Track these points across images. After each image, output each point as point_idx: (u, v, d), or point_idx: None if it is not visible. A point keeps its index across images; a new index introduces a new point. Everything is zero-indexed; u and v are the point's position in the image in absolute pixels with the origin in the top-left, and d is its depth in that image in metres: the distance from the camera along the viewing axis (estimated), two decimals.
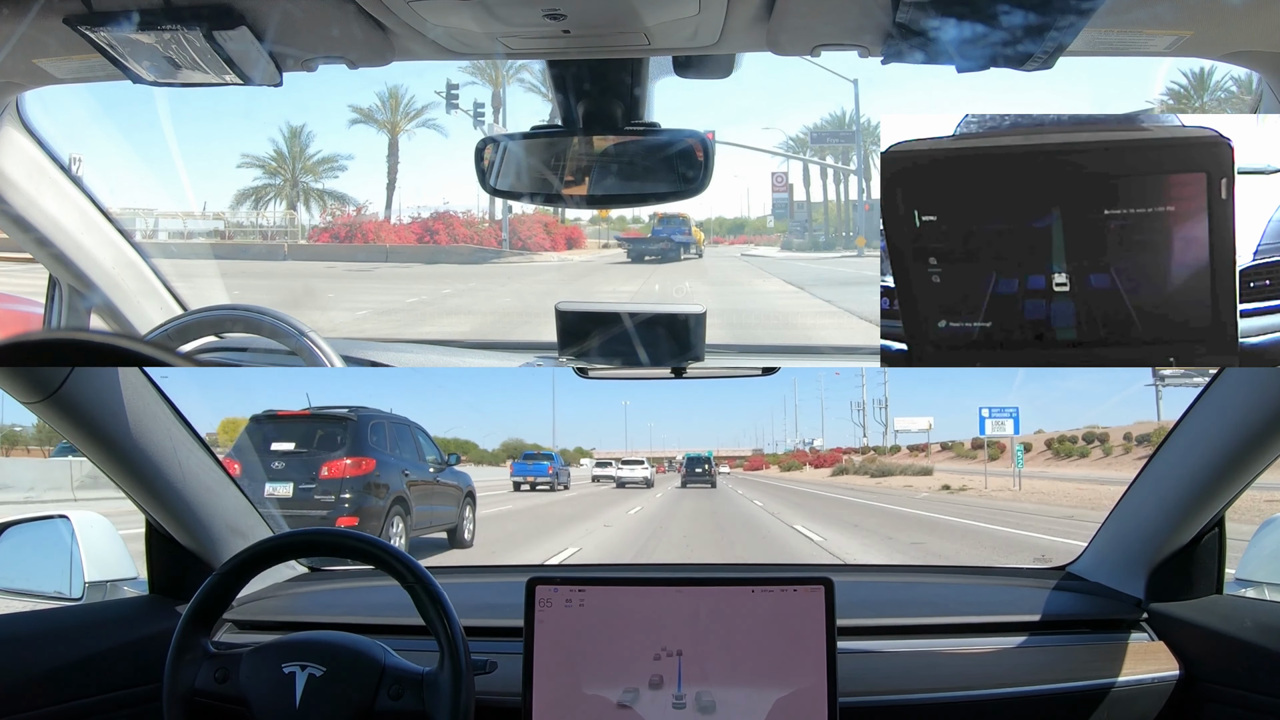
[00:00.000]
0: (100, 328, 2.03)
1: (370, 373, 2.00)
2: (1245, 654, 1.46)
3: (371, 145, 58.17)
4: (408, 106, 41.11)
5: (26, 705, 1.41)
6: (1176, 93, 33.08)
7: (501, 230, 34.53)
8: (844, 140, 42.47)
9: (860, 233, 34.48)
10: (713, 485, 27.41)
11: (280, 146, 40.24)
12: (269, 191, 39.59)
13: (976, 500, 19.71)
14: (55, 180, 1.80)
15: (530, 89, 41.37)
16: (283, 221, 37.37)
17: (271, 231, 36.42)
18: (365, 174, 71.63)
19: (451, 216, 35.28)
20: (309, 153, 40.28)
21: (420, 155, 71.01)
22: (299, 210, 38.96)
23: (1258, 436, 1.39)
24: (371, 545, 1.36)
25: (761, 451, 66.34)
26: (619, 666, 1.43)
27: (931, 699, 1.53)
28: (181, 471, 1.62)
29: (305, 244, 33.67)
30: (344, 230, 35.21)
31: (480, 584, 1.94)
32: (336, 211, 38.76)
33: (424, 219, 35.62)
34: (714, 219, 54.83)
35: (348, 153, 53.87)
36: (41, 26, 1.29)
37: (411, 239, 33.72)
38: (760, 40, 1.34)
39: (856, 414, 45.49)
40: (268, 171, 39.91)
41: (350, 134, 60.62)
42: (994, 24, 1.14)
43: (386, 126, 41.59)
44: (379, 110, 41.45)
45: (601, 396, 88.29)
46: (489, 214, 35.61)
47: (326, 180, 40.17)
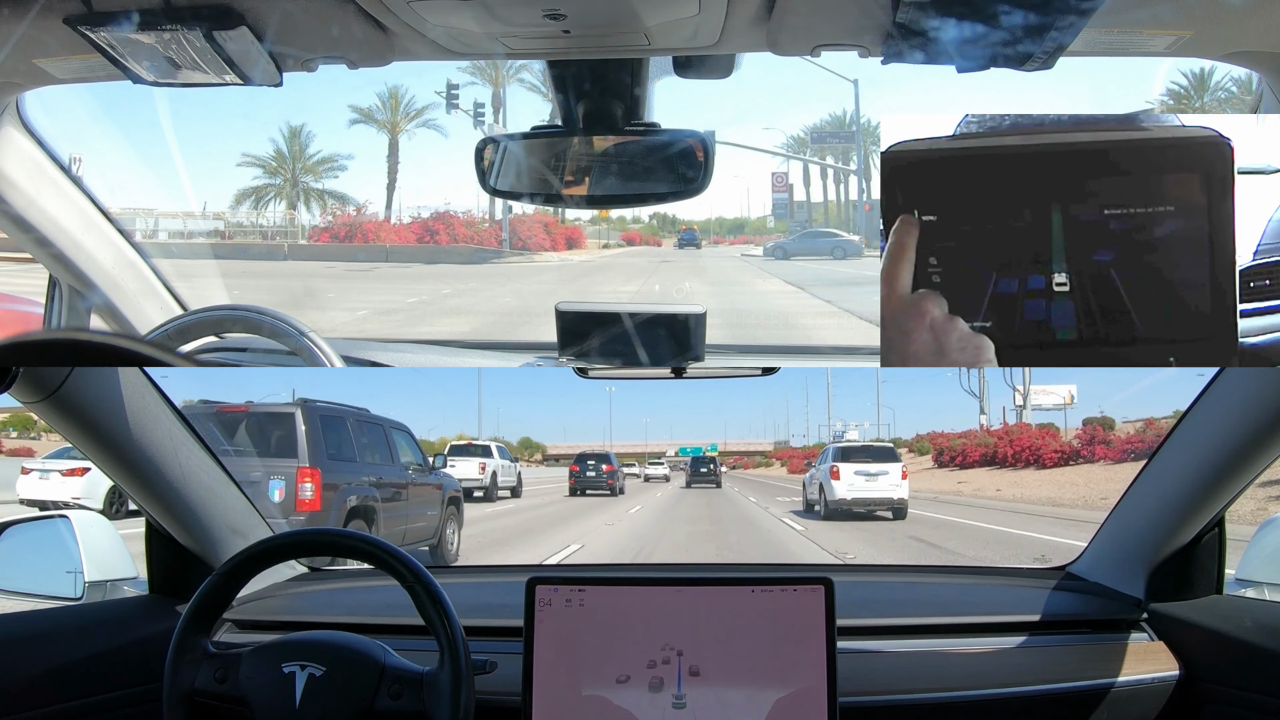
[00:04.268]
0: (100, 328, 2.03)
1: (370, 373, 2.00)
2: (1245, 654, 1.46)
3: (372, 145, 57.77)
4: (408, 106, 40.96)
5: (26, 705, 1.41)
6: (1177, 93, 32.79)
7: (502, 230, 34.29)
8: (844, 140, 42.33)
9: (861, 233, 34.30)
10: (718, 485, 26.90)
11: (280, 146, 40.08)
12: (269, 191, 39.46)
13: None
14: (55, 180, 1.80)
15: (531, 89, 41.07)
16: (283, 221, 37.15)
17: (271, 231, 36.16)
18: (366, 174, 71.04)
19: (452, 217, 35.04)
20: (309, 152, 40.15)
21: (421, 155, 70.61)
22: (299, 210, 38.79)
23: (1258, 436, 1.39)
24: (371, 545, 1.36)
25: (788, 444, 53.37)
26: (619, 666, 1.43)
27: (931, 699, 1.53)
28: (181, 471, 1.62)
29: (305, 244, 33.33)
30: (344, 230, 34.96)
31: (480, 584, 1.94)
32: (336, 211, 38.56)
33: (424, 219, 35.38)
34: (714, 219, 54.75)
35: (348, 152, 53.64)
36: (42, 27, 1.29)
37: (412, 239, 33.48)
38: (760, 40, 1.34)
39: (966, 381, 30.91)
40: (268, 171, 39.78)
41: (350, 134, 60.24)
42: (994, 24, 1.14)
43: (387, 126, 41.36)
44: (379, 110, 41.26)
45: (582, 386, 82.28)
46: (489, 214, 35.40)
47: (327, 180, 40.09)
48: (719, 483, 27.23)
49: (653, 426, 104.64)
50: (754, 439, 60.40)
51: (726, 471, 38.86)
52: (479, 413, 69.90)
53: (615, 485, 21.09)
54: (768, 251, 32.75)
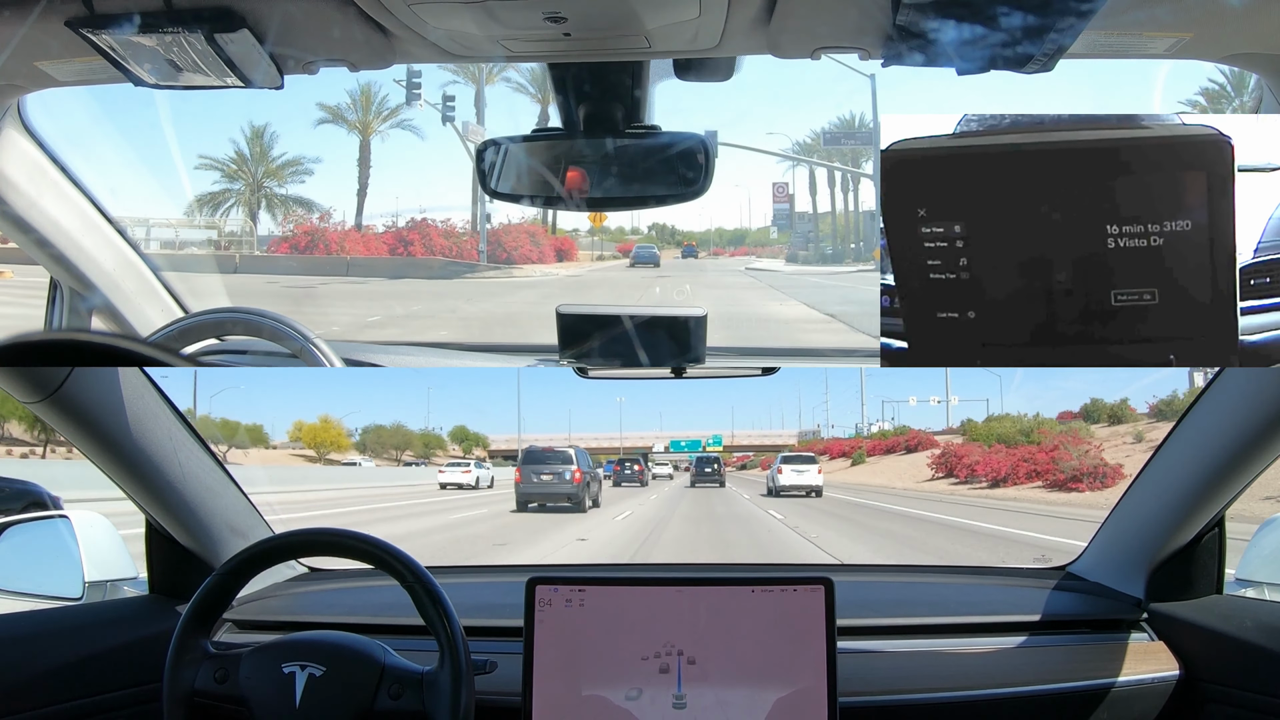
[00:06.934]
0: (101, 329, 2.03)
1: (371, 373, 2.00)
2: (1245, 654, 1.46)
3: (342, 147, 54.42)
4: (381, 105, 37.92)
5: (26, 705, 1.41)
6: (1213, 93, 30.03)
7: (480, 241, 31.89)
8: (860, 142, 39.01)
9: (878, 244, 33.22)
10: (721, 485, 27.24)
11: (242, 148, 37.08)
12: (228, 197, 36.52)
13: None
14: (56, 182, 1.80)
15: (517, 88, 38.93)
16: (242, 230, 34.48)
17: (224, 242, 33.55)
18: (335, 179, 66.48)
19: (429, 226, 32.77)
20: (273, 155, 37.18)
21: (400, 159, 66.80)
22: (262, 218, 35.95)
23: (1258, 436, 1.39)
24: (371, 545, 1.36)
25: (816, 435, 45.51)
26: (619, 666, 1.43)
27: (931, 699, 1.53)
28: (181, 471, 1.62)
29: (260, 255, 30.73)
30: (304, 240, 31.72)
31: (480, 584, 1.95)
32: (298, 219, 34.88)
33: (399, 228, 33.04)
34: (714, 230, 53.94)
35: (315, 155, 50.05)
36: (43, 29, 1.29)
37: (383, 250, 31.25)
38: (761, 43, 1.34)
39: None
40: (226, 175, 36.83)
41: (318, 135, 56.47)
42: (994, 26, 1.14)
43: (357, 127, 38.16)
44: (349, 109, 38.02)
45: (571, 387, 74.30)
46: (471, 222, 33.03)
47: (292, 185, 37.15)
48: (722, 482, 27.92)
49: (644, 418, 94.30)
50: (769, 429, 53.07)
51: (733, 472, 38.52)
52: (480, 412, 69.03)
53: (645, 479, 29.65)
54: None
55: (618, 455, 34.84)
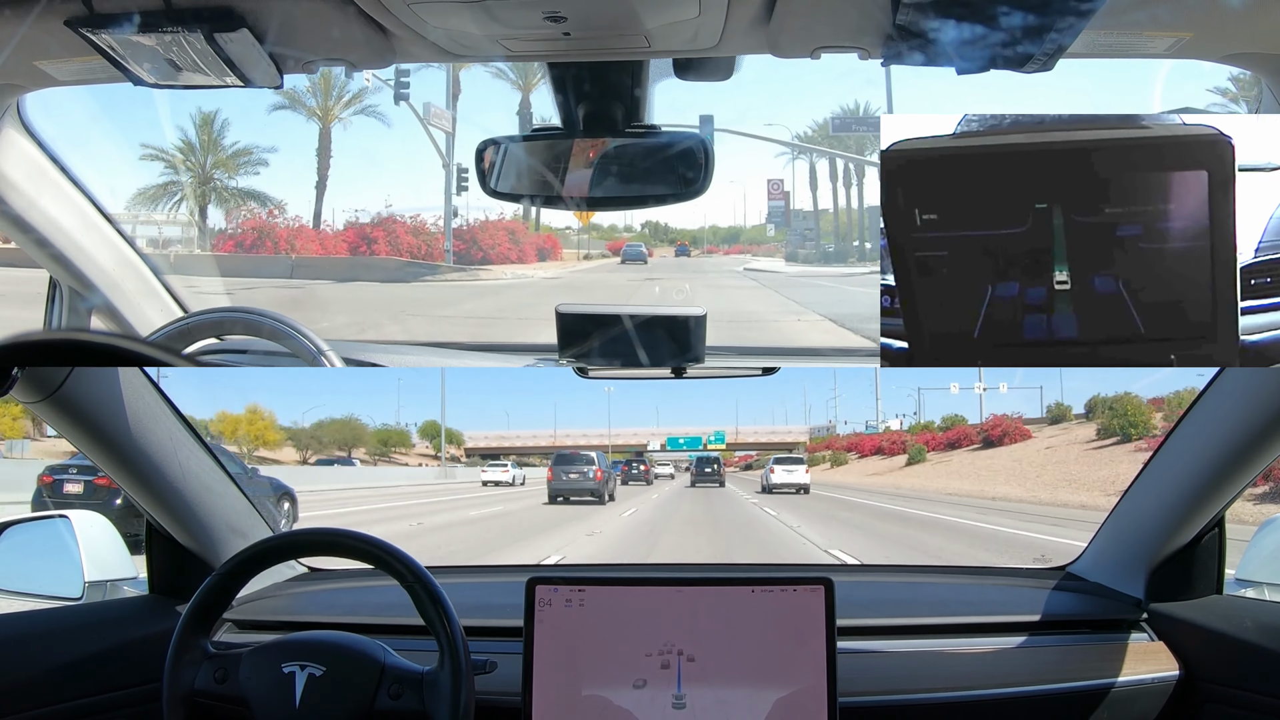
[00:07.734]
0: (101, 329, 2.03)
1: (371, 373, 2.00)
2: (1245, 654, 1.46)
3: (300, 136, 48.41)
4: (343, 90, 34.08)
5: (26, 705, 1.41)
6: (1235, 87, 29.38)
7: (446, 239, 29.11)
8: (870, 129, 35.41)
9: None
10: (721, 485, 27.88)
11: (189, 136, 32.85)
12: (175, 189, 32.50)
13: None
14: (55, 182, 1.80)
15: (497, 74, 36.42)
16: (185, 227, 31.33)
17: (163, 240, 30.07)
18: (293, 170, 61.55)
19: (396, 222, 29.98)
20: (224, 144, 33.10)
21: (366, 149, 61.20)
22: (211, 213, 32.54)
23: (1258, 436, 1.39)
24: (371, 545, 1.36)
25: (832, 432, 41.28)
26: (619, 666, 1.43)
27: (931, 699, 1.53)
28: (181, 471, 1.62)
29: (198, 254, 27.63)
30: (250, 237, 28.56)
31: (480, 584, 1.94)
32: (245, 214, 31.21)
33: (361, 225, 30.08)
34: (708, 228, 53.29)
35: (270, 144, 45.29)
36: (43, 28, 1.29)
37: (343, 248, 28.66)
38: (760, 42, 1.34)
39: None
40: (170, 166, 32.84)
41: (272, 122, 50.69)
42: (993, 25, 1.14)
43: (316, 114, 34.23)
44: (307, 94, 33.90)
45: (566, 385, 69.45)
46: (442, 216, 29.94)
47: (245, 177, 33.20)
48: (722, 482, 28.84)
49: (638, 414, 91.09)
50: (777, 425, 49.04)
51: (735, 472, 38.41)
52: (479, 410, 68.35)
53: (649, 478, 32.09)
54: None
55: (625, 456, 36.71)
